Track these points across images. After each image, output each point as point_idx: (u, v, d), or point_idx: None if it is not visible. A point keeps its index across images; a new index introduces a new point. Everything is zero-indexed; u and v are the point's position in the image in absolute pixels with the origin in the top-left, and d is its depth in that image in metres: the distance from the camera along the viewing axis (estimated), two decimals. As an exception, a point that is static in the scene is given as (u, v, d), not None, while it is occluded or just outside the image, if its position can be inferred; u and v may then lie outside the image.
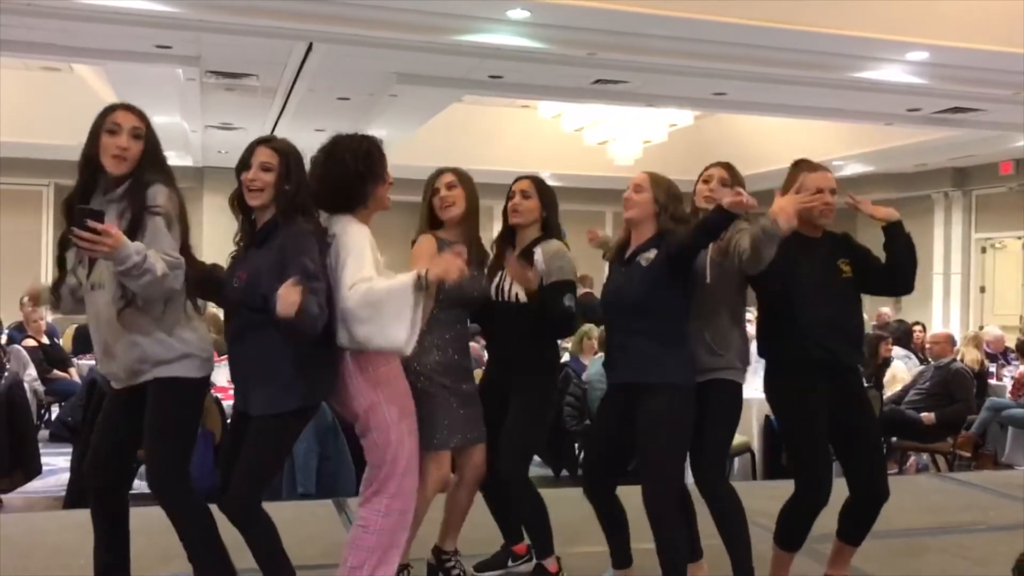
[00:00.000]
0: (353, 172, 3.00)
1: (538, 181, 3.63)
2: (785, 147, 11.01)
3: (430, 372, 3.36)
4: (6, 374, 6.64)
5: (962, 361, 7.79)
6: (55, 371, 8.90)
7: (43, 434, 7.74)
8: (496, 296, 3.52)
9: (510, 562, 3.72)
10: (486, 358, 3.81)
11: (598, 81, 8.68)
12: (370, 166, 3.03)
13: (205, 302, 3.27)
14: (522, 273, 3.46)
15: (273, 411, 2.86)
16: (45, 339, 9.15)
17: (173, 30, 7.11)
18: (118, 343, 2.85)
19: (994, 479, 6.19)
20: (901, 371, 8.27)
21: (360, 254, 2.92)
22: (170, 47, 7.61)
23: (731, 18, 6.80)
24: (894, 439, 7.26)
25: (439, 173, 3.53)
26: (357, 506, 3.09)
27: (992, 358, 9.26)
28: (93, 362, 6.25)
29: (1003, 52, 7.42)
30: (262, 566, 2.91)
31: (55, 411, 8.58)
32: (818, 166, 3.36)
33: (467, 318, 3.58)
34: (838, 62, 7.89)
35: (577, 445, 6.99)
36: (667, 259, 3.14)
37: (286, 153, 2.92)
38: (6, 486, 6.10)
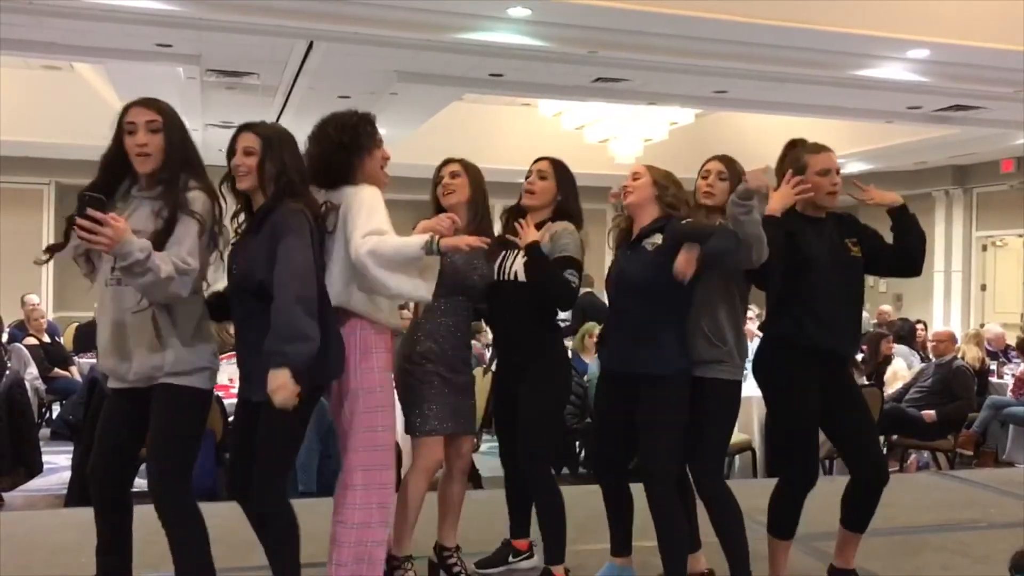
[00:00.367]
0: (337, 143, 3.02)
1: (557, 163, 3.54)
2: (786, 145, 10.98)
3: (426, 359, 3.36)
4: (7, 373, 6.63)
5: (963, 359, 7.78)
6: (56, 369, 8.92)
7: (44, 432, 7.75)
8: (498, 276, 3.48)
9: (511, 558, 3.71)
10: (487, 357, 3.80)
11: (599, 79, 8.68)
12: (355, 138, 3.04)
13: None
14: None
15: None
16: (46, 337, 9.17)
17: (174, 28, 7.10)
18: (138, 346, 2.79)
19: (995, 477, 6.19)
20: (902, 369, 8.28)
21: (372, 209, 2.93)
22: (171, 46, 7.60)
23: (732, 16, 6.79)
24: (895, 437, 7.25)
25: (445, 163, 3.54)
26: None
27: (993, 356, 9.26)
28: (94, 360, 6.24)
29: (1004, 50, 7.42)
30: (275, 569, 2.90)
31: (56, 409, 8.58)
32: (821, 147, 3.34)
33: (469, 309, 3.51)
34: (839, 60, 7.88)
35: (578, 443, 6.98)
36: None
37: (268, 136, 2.91)
38: (7, 484, 6.10)
